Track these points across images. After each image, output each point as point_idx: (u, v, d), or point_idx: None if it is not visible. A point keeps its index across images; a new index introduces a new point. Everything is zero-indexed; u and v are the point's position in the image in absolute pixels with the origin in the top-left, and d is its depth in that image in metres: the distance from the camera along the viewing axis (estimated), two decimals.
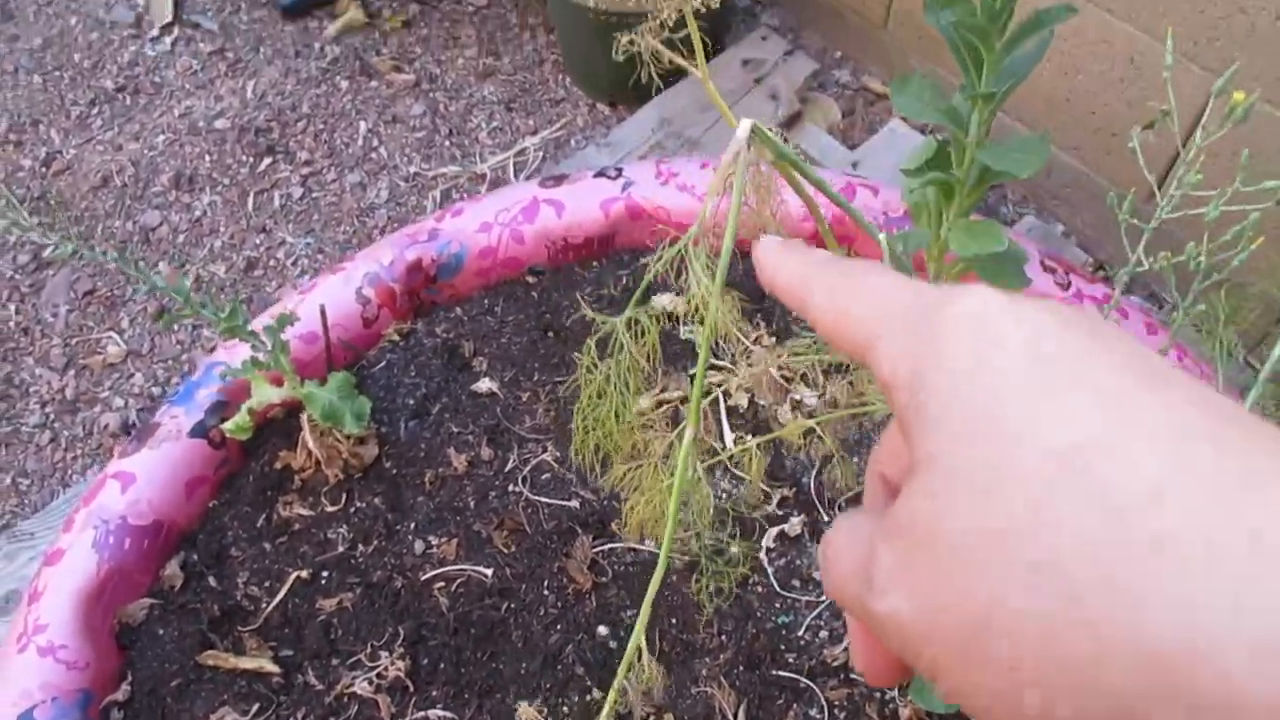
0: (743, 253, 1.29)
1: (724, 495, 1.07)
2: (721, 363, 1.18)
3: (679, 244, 0.40)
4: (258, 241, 1.67)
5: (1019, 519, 0.20)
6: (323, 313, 1.09)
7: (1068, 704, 0.19)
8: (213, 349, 1.34)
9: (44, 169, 1.77)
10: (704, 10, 0.41)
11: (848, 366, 1.17)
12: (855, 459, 1.08)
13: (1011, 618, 0.20)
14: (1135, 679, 0.18)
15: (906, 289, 0.26)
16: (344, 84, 1.88)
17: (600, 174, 1.30)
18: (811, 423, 0.59)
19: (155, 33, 1.98)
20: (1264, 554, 0.17)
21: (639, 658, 0.41)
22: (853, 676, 0.96)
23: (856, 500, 1.07)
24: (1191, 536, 0.18)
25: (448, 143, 1.80)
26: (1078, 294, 1.17)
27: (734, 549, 1.03)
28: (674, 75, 1.74)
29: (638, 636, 0.39)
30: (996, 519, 0.20)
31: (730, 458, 1.10)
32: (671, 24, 0.41)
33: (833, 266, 0.28)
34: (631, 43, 0.42)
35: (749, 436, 1.02)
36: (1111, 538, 0.18)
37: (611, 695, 0.40)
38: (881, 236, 0.44)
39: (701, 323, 0.39)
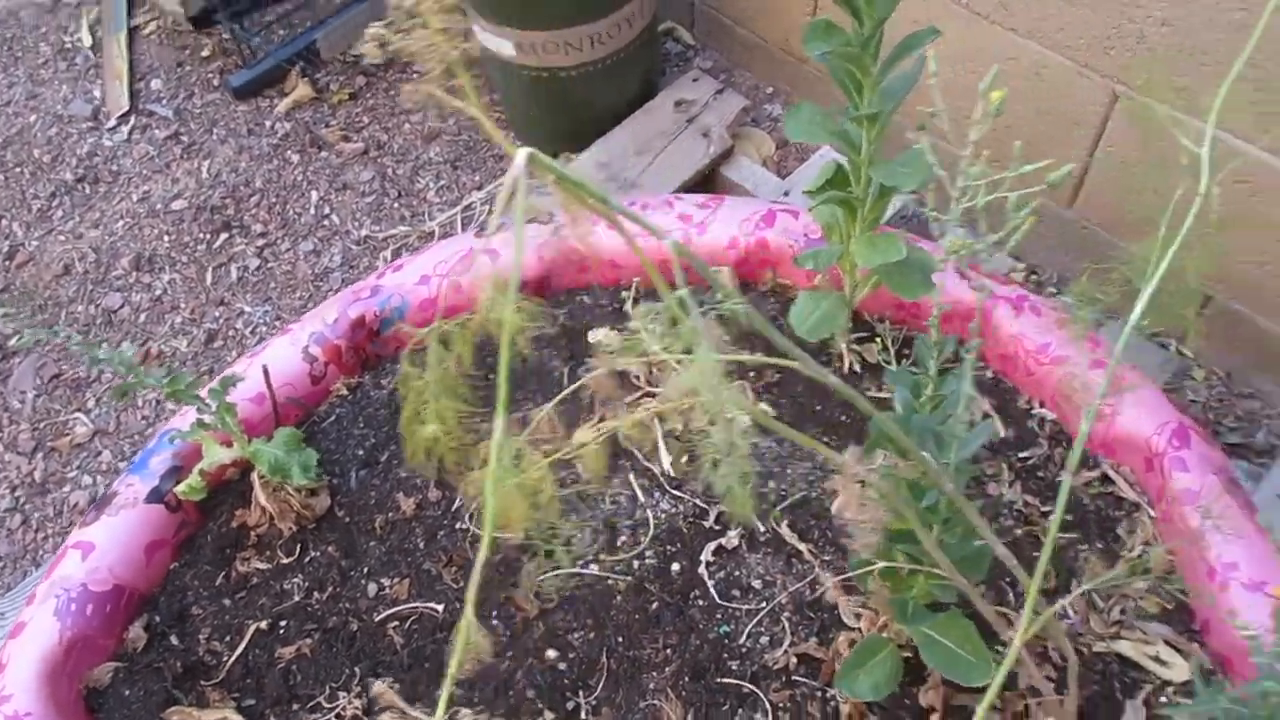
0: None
1: (664, 515, 1.11)
2: (657, 389, 1.22)
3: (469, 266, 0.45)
4: (217, 314, 1.72)
5: None
6: (265, 373, 1.14)
7: None
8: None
9: (7, 262, 1.83)
10: (467, 60, 0.45)
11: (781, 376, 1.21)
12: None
13: None
14: None
15: None
16: (295, 157, 1.94)
17: (533, 220, 1.36)
18: (647, 413, 0.62)
19: (112, 123, 2.05)
20: None
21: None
22: (795, 678, 0.99)
23: (792, 508, 1.10)
24: None
25: (397, 204, 1.85)
26: (992, 296, 1.21)
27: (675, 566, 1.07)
28: (611, 121, 1.80)
29: (469, 613, 0.43)
30: None
31: (669, 479, 1.14)
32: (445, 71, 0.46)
33: None
34: (415, 91, 0.46)
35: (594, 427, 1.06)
36: None
37: (453, 667, 0.44)
38: (668, 240, 0.48)
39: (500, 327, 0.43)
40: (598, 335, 1.26)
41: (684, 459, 1.14)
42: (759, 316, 0.51)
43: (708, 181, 1.78)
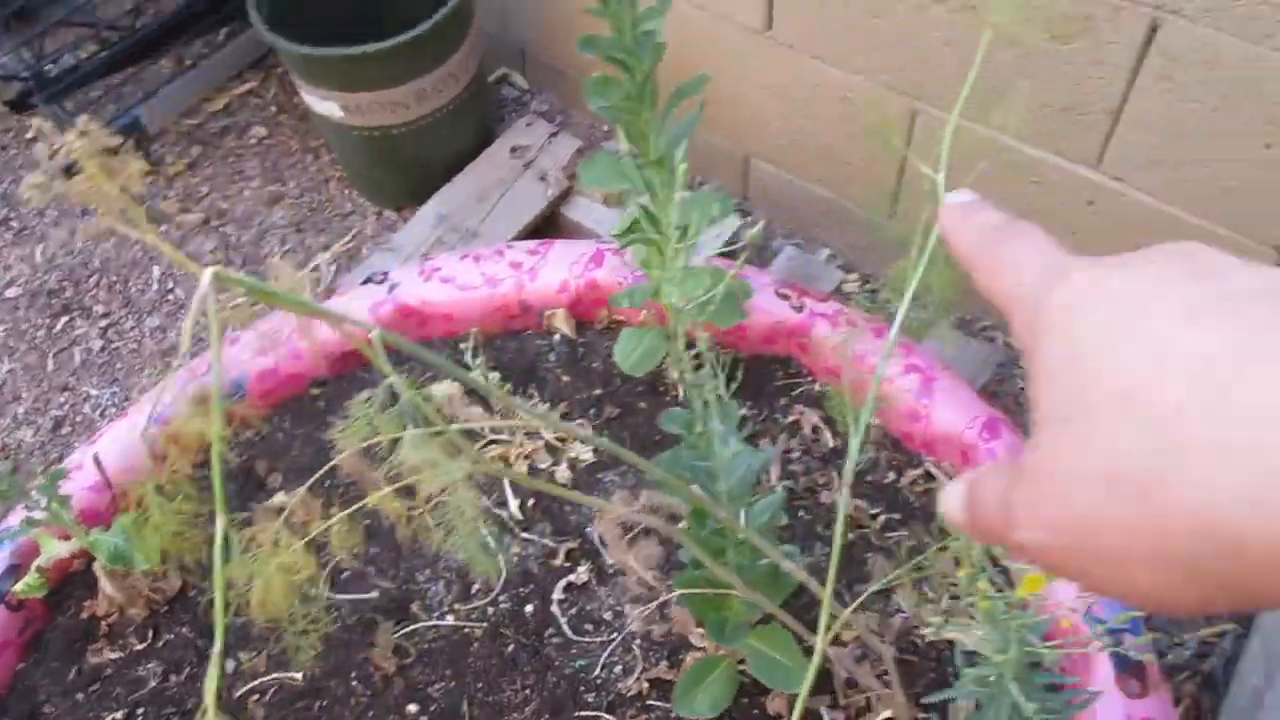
0: (487, 336, 1.36)
1: (515, 558, 1.14)
2: (502, 437, 1.25)
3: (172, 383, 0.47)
4: (62, 400, 1.69)
5: (1097, 450, 0.28)
6: (97, 461, 1.13)
7: (1162, 573, 0.27)
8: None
9: None
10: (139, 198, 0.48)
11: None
12: None
13: (1105, 523, 0.27)
14: (1192, 543, 0.25)
15: (1028, 276, 0.33)
16: (133, 233, 1.91)
17: (367, 281, 1.38)
18: (403, 483, 0.64)
19: None
20: (1249, 424, 0.24)
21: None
22: (649, 703, 1.03)
23: (636, 538, 1.14)
24: (1205, 438, 0.25)
25: (243, 272, 1.84)
26: (811, 314, 1.28)
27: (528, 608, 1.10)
28: (450, 172, 1.83)
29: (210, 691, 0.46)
30: (1082, 454, 0.28)
31: (518, 523, 1.17)
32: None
33: (986, 250, 0.35)
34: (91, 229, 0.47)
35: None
36: (1155, 447, 0.26)
37: None
38: (375, 333, 0.50)
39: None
40: (440, 389, 1.29)
41: (530, 503, 1.18)
42: (410, 390, 0.53)
43: (549, 224, 1.82)
